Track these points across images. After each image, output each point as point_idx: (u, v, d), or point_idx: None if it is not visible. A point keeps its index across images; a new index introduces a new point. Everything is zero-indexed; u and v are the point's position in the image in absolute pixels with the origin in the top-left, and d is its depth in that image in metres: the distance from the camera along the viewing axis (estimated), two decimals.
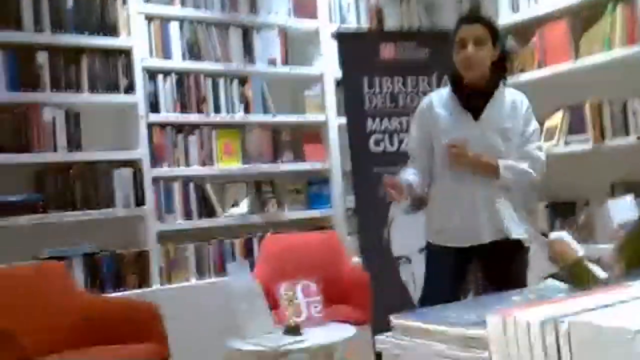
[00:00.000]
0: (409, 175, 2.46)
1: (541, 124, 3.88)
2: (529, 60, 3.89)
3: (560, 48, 3.66)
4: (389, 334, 0.75)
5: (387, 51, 3.79)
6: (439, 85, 3.77)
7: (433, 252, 2.54)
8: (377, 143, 3.66)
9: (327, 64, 4.04)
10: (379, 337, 0.75)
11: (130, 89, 3.46)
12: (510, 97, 2.47)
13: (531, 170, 2.40)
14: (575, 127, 3.60)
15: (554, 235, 1.48)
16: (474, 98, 2.43)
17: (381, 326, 1.01)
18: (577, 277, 1.26)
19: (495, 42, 2.43)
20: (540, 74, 3.80)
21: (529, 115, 2.47)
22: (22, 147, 3.18)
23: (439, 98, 2.53)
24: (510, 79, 3.98)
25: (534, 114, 2.51)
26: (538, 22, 3.85)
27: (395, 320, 0.75)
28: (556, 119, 3.71)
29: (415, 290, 3.50)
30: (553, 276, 1.34)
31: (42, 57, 3.26)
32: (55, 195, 3.24)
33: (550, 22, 3.77)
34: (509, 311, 0.63)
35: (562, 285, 1.27)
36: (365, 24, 4.22)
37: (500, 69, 2.49)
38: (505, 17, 4.09)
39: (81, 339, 2.81)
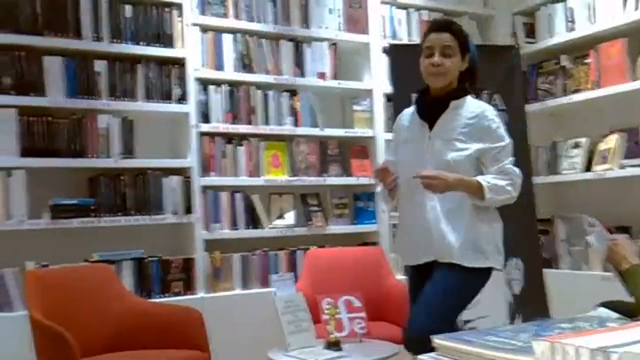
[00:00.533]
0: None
1: (594, 146, 3.82)
2: (584, 80, 3.82)
3: (617, 68, 3.58)
4: (432, 355, 0.74)
5: None
6: (489, 102, 3.73)
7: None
8: None
9: (377, 79, 4.04)
10: (421, 358, 0.74)
11: (182, 98, 3.53)
12: (473, 109, 2.35)
13: (510, 189, 2.29)
14: (631, 150, 3.51)
15: (614, 237, 1.44)
16: (431, 108, 2.38)
17: (422, 346, 0.99)
18: (631, 283, 1.23)
19: (465, 53, 2.37)
20: (595, 94, 3.72)
21: (496, 128, 2.33)
22: (77, 152, 3.27)
23: (411, 108, 2.51)
24: (564, 99, 3.95)
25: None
26: (594, 41, 3.77)
27: (438, 341, 0.75)
28: (610, 142, 3.62)
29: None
30: (605, 305, 1.30)
31: (99, 66, 3.36)
32: (107, 200, 3.32)
33: (607, 41, 3.69)
34: (557, 338, 0.62)
35: (614, 314, 1.23)
36: (416, 40, 4.21)
37: (468, 80, 2.42)
38: (560, 36, 4.03)
39: (126, 342, 2.86)
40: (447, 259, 2.30)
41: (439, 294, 2.28)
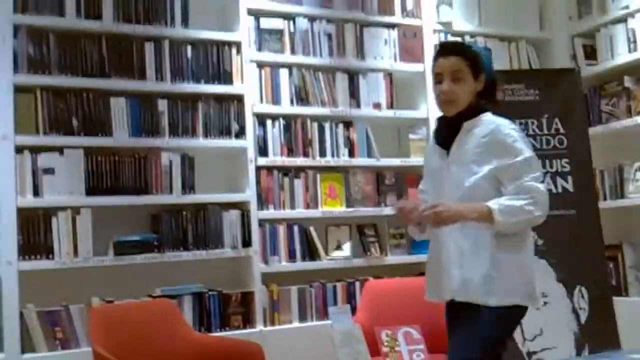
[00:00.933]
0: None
1: None
2: None
3: None
4: None
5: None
6: (549, 128, 3.66)
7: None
8: None
9: (433, 107, 4.01)
10: None
11: (241, 133, 3.60)
12: (487, 126, 2.19)
13: (532, 208, 2.06)
14: None
15: None
16: (447, 133, 2.25)
17: None
18: None
19: (478, 73, 2.23)
20: None
21: (513, 142, 2.15)
22: (141, 189, 3.38)
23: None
24: (628, 121, 3.83)
25: (524, 144, 2.16)
26: None
27: None
28: None
29: (524, 343, 3.36)
30: None
31: (162, 105, 3.47)
32: (168, 235, 3.41)
33: None
34: None
35: None
36: None
37: (488, 98, 2.27)
38: (622, 57, 3.92)
39: None
40: (465, 298, 2.16)
41: (462, 342, 2.16)
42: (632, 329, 3.40)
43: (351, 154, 3.88)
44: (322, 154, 3.81)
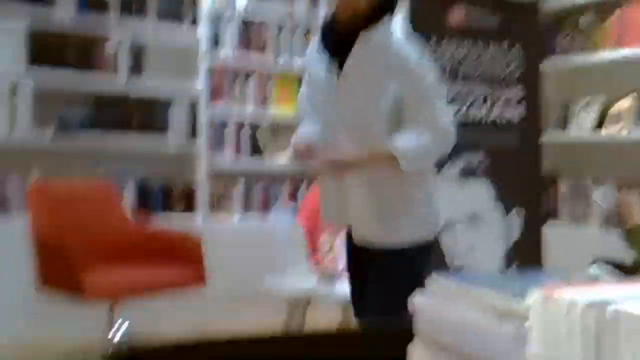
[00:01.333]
0: (307, 131, 1.92)
1: (609, 107, 3.78)
2: (605, 39, 3.74)
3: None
4: (424, 292, 0.75)
5: (457, 15, 3.68)
6: (505, 56, 3.67)
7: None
8: None
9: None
10: (414, 296, 0.75)
11: (194, 23, 3.48)
12: (391, 39, 1.82)
13: (439, 146, 1.83)
14: None
15: (622, 196, 1.44)
16: (340, 41, 1.83)
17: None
18: (635, 241, 1.23)
19: None
20: (615, 55, 3.65)
21: (418, 63, 1.81)
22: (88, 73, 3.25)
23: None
24: (582, 57, 3.88)
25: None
26: (621, 1, 3.68)
27: (433, 280, 0.75)
28: (625, 103, 3.57)
29: (454, 260, 3.49)
30: (600, 260, 1.31)
31: None
32: (115, 120, 3.31)
33: (635, 1, 3.60)
34: (554, 287, 0.62)
35: (609, 269, 1.24)
36: None
37: (387, 5, 1.85)
38: None
39: (127, 257, 2.91)
40: (366, 242, 1.89)
41: (379, 294, 1.88)
42: (560, 253, 3.57)
43: None
44: (278, 52, 3.72)
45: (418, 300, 0.75)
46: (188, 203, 3.50)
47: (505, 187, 3.52)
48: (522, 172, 3.56)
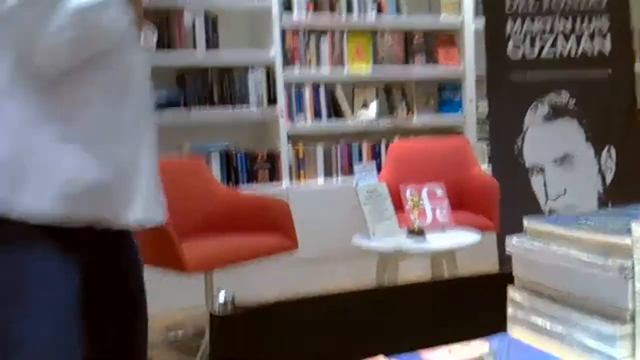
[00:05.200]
0: None
1: None
2: None
3: None
4: (520, 236, 0.74)
5: None
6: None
7: None
8: (515, 47, 3.46)
9: None
10: (510, 240, 0.74)
11: None
12: None
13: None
14: None
15: None
16: None
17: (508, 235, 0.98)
18: None
19: None
20: None
21: None
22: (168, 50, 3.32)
23: None
24: None
25: None
26: None
27: (528, 223, 0.74)
28: None
29: (547, 203, 3.39)
30: None
31: None
32: (194, 93, 3.40)
33: None
34: None
35: None
36: None
37: None
38: None
39: (218, 227, 3.01)
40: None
41: None
42: None
43: (379, 9, 3.74)
44: (349, 10, 3.68)
45: (515, 244, 0.74)
46: (272, 169, 3.56)
47: (597, 125, 3.37)
48: (614, 108, 3.39)
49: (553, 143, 3.29)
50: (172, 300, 3.22)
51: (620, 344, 0.62)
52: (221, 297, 0.78)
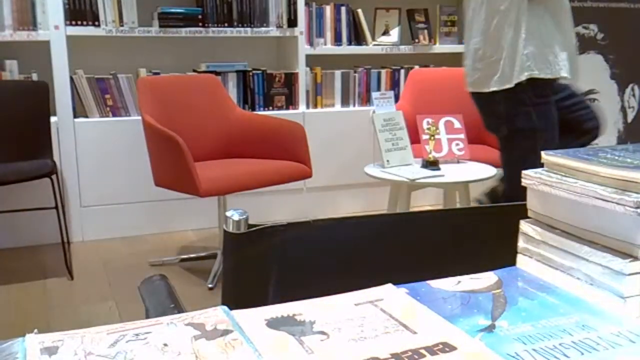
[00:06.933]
0: None
1: None
2: None
3: None
4: (537, 170, 0.73)
5: None
6: None
7: None
8: None
9: None
10: (526, 172, 0.73)
11: None
12: None
13: None
14: None
15: None
16: None
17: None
18: None
19: None
20: None
21: None
22: None
23: None
24: None
25: None
26: None
27: (546, 156, 0.72)
28: None
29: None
30: None
31: None
32: (213, 10, 3.32)
33: None
34: None
35: None
36: None
37: None
38: None
39: (232, 150, 3.01)
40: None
41: None
42: None
43: None
44: None
45: (532, 176, 0.73)
46: (289, 94, 3.52)
47: (623, 63, 3.28)
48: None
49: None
50: (187, 222, 3.28)
51: (628, 281, 0.62)
52: (235, 215, 0.79)
